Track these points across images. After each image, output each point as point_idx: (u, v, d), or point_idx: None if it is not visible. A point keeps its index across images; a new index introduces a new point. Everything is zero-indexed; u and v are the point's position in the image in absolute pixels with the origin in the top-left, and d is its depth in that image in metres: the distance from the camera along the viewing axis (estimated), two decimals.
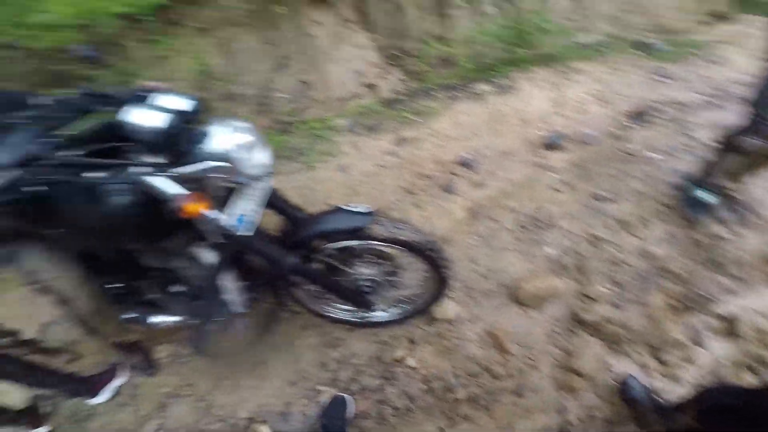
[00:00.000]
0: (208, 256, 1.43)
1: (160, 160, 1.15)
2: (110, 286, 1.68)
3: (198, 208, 1.12)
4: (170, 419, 1.80)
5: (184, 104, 1.18)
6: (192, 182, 1.14)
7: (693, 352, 1.72)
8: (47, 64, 2.86)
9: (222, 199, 1.26)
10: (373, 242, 1.39)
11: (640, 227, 2.15)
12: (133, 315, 1.74)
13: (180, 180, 1.12)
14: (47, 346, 2.00)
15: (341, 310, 1.81)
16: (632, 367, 1.69)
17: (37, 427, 1.82)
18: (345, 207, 1.39)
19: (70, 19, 2.92)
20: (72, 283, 1.55)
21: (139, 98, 1.33)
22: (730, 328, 1.77)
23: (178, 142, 1.14)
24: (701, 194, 2.04)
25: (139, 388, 1.90)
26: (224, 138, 1.14)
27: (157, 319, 1.73)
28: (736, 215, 2.10)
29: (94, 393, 1.88)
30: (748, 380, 1.64)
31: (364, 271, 1.53)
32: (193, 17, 3.30)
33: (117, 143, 1.15)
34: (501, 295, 1.94)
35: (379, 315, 1.80)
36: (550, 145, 2.77)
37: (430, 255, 1.44)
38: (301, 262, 1.35)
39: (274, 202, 1.45)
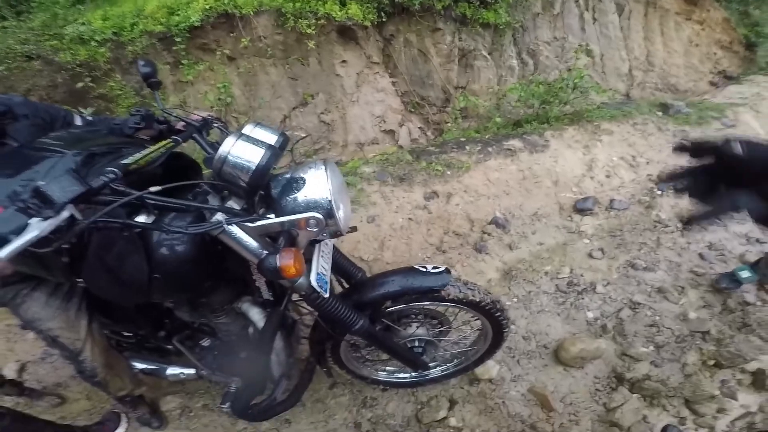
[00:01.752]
0: (258, 314, 1.27)
1: (240, 204, 0.95)
2: (126, 334, 1.51)
3: (298, 269, 0.87)
4: None
5: (272, 139, 1.00)
6: (278, 236, 0.94)
7: (726, 403, 1.80)
8: (73, 80, 2.81)
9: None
10: (443, 303, 1.30)
11: (676, 294, 2.26)
12: (150, 366, 1.57)
13: (263, 232, 0.94)
14: (30, 386, 1.88)
15: (389, 373, 1.73)
16: (670, 419, 1.76)
17: None
18: (419, 267, 1.28)
19: (104, 33, 2.89)
20: (79, 335, 1.31)
21: (201, 129, 1.18)
22: (759, 381, 1.86)
23: (268, 184, 0.95)
24: (744, 273, 2.16)
25: None
26: (321, 185, 0.94)
27: (177, 371, 1.55)
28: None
29: None
30: None
31: (417, 331, 1.43)
32: (223, 44, 3.32)
33: (184, 181, 0.91)
34: (543, 356, 1.99)
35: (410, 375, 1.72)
36: (582, 210, 2.76)
37: (497, 315, 1.38)
38: (370, 324, 1.21)
39: (335, 258, 1.31)
